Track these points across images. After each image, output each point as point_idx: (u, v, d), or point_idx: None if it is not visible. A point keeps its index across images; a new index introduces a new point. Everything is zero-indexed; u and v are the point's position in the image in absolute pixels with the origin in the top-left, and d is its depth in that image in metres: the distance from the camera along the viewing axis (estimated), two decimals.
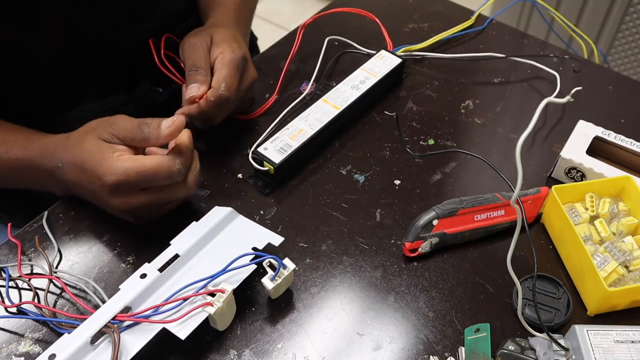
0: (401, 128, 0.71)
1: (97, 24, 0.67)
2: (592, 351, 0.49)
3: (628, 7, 1.39)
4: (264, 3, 2.22)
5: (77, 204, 0.62)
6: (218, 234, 0.56)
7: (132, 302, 0.50)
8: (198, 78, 0.62)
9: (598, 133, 0.66)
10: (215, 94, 0.61)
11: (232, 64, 0.63)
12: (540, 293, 0.55)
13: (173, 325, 0.49)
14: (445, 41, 0.82)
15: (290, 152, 0.63)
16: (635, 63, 1.50)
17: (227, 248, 0.55)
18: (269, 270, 0.53)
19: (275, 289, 0.53)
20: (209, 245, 0.55)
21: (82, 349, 0.47)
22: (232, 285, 0.51)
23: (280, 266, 0.52)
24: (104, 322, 0.48)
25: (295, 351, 0.52)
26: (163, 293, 0.51)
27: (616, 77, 0.79)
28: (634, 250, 0.56)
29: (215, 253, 0.55)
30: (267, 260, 0.53)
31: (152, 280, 0.51)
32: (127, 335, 0.49)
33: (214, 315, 0.49)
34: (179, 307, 0.50)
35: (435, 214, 0.58)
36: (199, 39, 0.65)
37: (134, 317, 0.49)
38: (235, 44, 0.65)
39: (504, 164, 0.67)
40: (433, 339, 0.53)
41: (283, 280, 0.53)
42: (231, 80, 0.62)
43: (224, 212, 0.57)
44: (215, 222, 0.56)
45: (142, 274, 0.52)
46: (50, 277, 0.55)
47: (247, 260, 0.53)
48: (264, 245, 0.55)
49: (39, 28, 0.62)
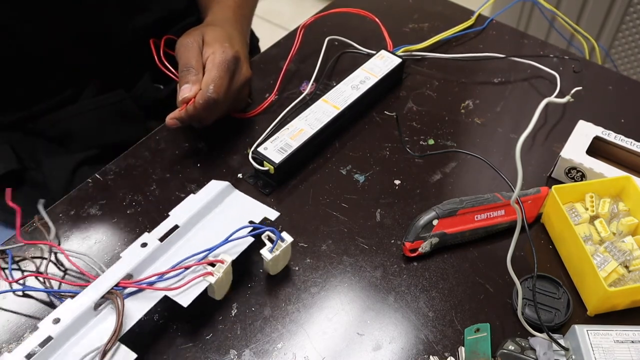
0: (401, 128, 0.71)
1: (95, 17, 0.67)
2: (592, 351, 0.49)
3: (628, 7, 1.39)
4: (264, 3, 2.21)
5: (77, 204, 0.62)
6: (215, 207, 0.58)
7: (134, 270, 0.51)
8: (190, 78, 0.62)
9: (598, 133, 0.66)
10: (203, 97, 0.61)
11: (221, 65, 0.63)
12: (540, 293, 0.55)
13: (175, 293, 0.50)
14: (445, 41, 0.82)
15: (290, 152, 0.63)
16: (635, 63, 1.50)
17: (225, 221, 0.56)
18: (268, 242, 0.54)
19: (274, 262, 0.54)
20: (207, 217, 0.57)
21: (86, 313, 0.48)
22: (231, 256, 0.52)
23: (278, 238, 0.53)
24: (107, 287, 0.49)
25: (295, 351, 0.52)
26: (163, 262, 0.53)
27: (616, 77, 0.79)
28: (634, 250, 0.56)
29: (213, 225, 0.56)
30: (265, 232, 0.54)
31: (153, 249, 0.53)
32: (130, 302, 0.50)
33: (214, 284, 0.51)
34: (180, 275, 0.51)
35: (435, 214, 0.58)
36: (191, 39, 0.65)
37: (137, 284, 0.50)
38: (227, 44, 0.64)
39: (504, 164, 0.67)
40: (433, 339, 0.53)
41: (281, 253, 0.54)
42: (220, 82, 0.62)
43: (221, 185, 0.58)
44: (213, 195, 0.58)
45: (142, 242, 0.53)
46: (51, 244, 0.55)
47: (245, 232, 0.54)
48: (260, 219, 0.56)
49: (35, 20, 0.61)
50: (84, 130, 0.74)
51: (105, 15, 0.67)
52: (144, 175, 0.65)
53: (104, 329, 0.48)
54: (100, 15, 0.67)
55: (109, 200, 0.63)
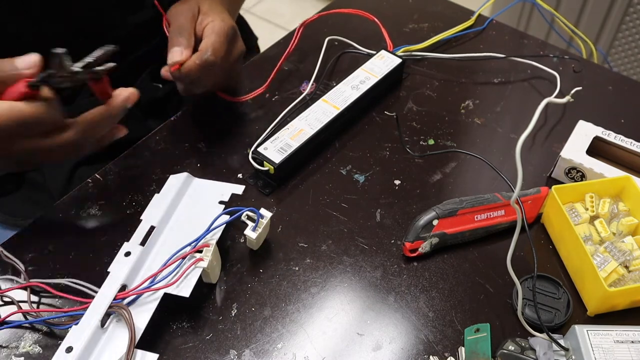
0: (401, 128, 0.71)
1: (91, 13, 0.66)
2: (592, 351, 0.49)
3: (628, 7, 1.39)
4: (264, 3, 2.22)
5: (77, 204, 0.62)
6: (182, 199, 0.59)
7: (126, 279, 0.52)
8: (182, 41, 0.61)
9: (598, 133, 0.66)
10: (201, 58, 0.60)
11: (221, 32, 0.62)
12: (540, 293, 0.55)
13: (173, 288, 0.51)
14: (445, 41, 0.82)
15: (290, 152, 0.63)
16: (635, 63, 1.50)
17: (196, 208, 0.58)
18: (249, 222, 0.55)
19: (258, 239, 0.56)
20: (178, 210, 0.58)
21: (95, 334, 0.48)
22: (214, 239, 0.54)
23: (259, 216, 0.55)
24: (107, 303, 0.50)
25: (295, 351, 0.52)
26: (151, 265, 0.54)
27: (616, 77, 0.79)
28: (634, 250, 0.56)
29: (187, 216, 0.57)
30: (244, 213, 0.55)
31: (138, 255, 0.53)
32: (133, 310, 0.50)
33: (207, 268, 0.52)
34: (173, 272, 0.52)
35: (435, 214, 0.58)
36: (187, 6, 0.64)
37: (135, 291, 0.51)
38: (224, 15, 0.64)
39: (504, 164, 0.67)
40: (433, 339, 0.53)
41: (263, 229, 0.56)
42: (220, 47, 0.61)
43: (181, 178, 0.60)
44: (177, 188, 0.59)
45: (126, 252, 0.53)
46: (28, 284, 0.54)
47: (224, 216, 0.55)
48: (228, 197, 0.58)
49: (30, 15, 0.61)
50: None
51: (102, 11, 0.67)
52: (144, 175, 0.65)
53: (116, 343, 0.49)
54: (96, 12, 0.67)
55: (109, 200, 0.63)
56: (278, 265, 0.58)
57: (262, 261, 0.58)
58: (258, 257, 0.58)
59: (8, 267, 0.56)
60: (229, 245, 0.59)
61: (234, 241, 0.59)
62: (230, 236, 0.60)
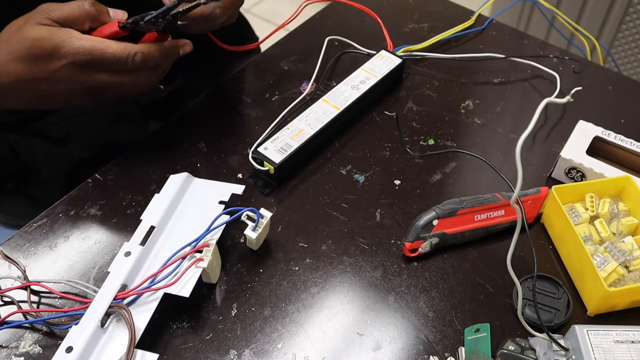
0: (401, 128, 0.71)
1: None
2: (592, 351, 0.49)
3: (628, 7, 1.39)
4: (264, 3, 2.22)
5: (77, 204, 0.62)
6: (182, 198, 0.59)
7: (126, 279, 0.52)
8: None
9: (598, 133, 0.66)
10: None
11: None
12: (540, 293, 0.55)
13: (174, 288, 0.51)
14: (445, 41, 0.82)
15: (290, 152, 0.63)
16: (635, 63, 1.50)
17: (196, 208, 0.58)
18: (249, 222, 0.55)
19: (258, 239, 0.56)
20: (178, 210, 0.58)
21: (95, 334, 0.48)
22: (213, 238, 0.54)
23: (259, 216, 0.55)
24: (107, 303, 0.50)
25: (295, 351, 0.52)
26: (151, 265, 0.54)
27: (616, 77, 0.79)
28: (634, 250, 0.56)
29: (187, 216, 0.57)
30: (244, 213, 0.55)
31: (138, 255, 0.53)
32: (133, 310, 0.50)
33: (207, 268, 0.52)
34: (173, 272, 0.52)
35: (435, 214, 0.58)
36: None
37: (135, 291, 0.51)
38: None
39: (504, 164, 0.67)
40: (433, 339, 0.53)
41: (263, 229, 0.56)
42: None
43: (181, 177, 0.60)
44: (177, 188, 0.59)
45: (126, 252, 0.53)
46: (28, 284, 0.54)
47: (224, 216, 0.55)
48: (228, 197, 0.58)
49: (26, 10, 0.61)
50: (83, 131, 0.74)
51: None
52: (144, 175, 0.65)
53: (116, 343, 0.49)
54: None
55: (109, 200, 0.63)
56: (278, 265, 0.58)
57: (262, 261, 0.58)
58: (258, 257, 0.58)
59: (8, 267, 0.57)
60: (229, 245, 0.59)
61: (234, 241, 0.59)
62: (230, 236, 0.60)
